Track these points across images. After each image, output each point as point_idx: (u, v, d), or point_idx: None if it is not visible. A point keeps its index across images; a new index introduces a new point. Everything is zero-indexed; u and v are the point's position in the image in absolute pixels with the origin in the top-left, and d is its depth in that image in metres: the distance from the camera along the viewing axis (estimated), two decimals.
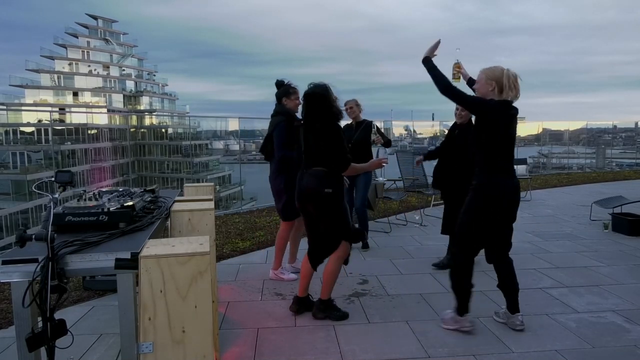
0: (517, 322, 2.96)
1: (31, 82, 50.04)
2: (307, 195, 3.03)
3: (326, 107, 3.02)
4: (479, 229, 2.86)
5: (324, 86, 3.07)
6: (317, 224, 3.10)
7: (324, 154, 3.00)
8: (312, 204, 3.03)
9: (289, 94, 3.82)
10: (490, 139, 2.79)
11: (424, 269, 4.30)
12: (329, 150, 3.00)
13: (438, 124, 15.24)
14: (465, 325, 2.94)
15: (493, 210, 2.81)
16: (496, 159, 2.80)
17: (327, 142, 3.00)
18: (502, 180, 2.81)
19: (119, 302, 1.73)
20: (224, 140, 32.46)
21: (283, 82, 3.89)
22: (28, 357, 1.68)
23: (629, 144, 19.79)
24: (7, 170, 32.15)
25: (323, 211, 3.02)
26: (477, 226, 2.86)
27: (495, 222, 2.85)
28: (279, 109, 3.85)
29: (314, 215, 3.08)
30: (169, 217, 2.42)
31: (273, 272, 4.03)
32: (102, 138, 38.25)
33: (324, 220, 3.05)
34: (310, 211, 3.08)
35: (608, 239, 5.42)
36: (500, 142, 2.79)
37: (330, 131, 3.02)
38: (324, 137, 3.00)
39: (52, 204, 1.73)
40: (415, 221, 6.38)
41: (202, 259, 1.69)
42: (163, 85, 65.68)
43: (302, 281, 3.24)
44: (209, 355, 1.71)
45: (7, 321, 3.15)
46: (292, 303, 3.28)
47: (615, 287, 3.79)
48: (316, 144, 3.02)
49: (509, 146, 2.83)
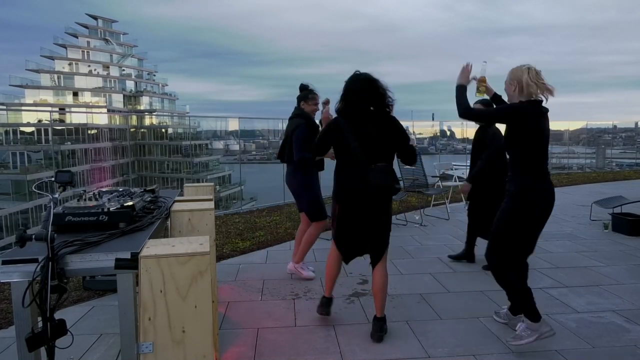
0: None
1: (31, 82, 50.03)
2: (377, 192, 2.77)
3: (382, 95, 2.78)
4: (518, 234, 2.70)
5: (367, 73, 2.82)
6: (370, 223, 2.84)
7: (391, 147, 2.80)
8: (379, 201, 2.80)
9: (308, 98, 3.89)
10: (523, 142, 2.64)
11: (424, 269, 4.30)
12: (399, 142, 2.81)
13: (438, 124, 15.26)
14: (545, 331, 2.67)
15: (531, 215, 2.66)
16: (531, 162, 2.65)
17: (394, 134, 2.79)
18: (538, 185, 2.66)
19: (119, 302, 1.73)
20: (224, 140, 32.50)
21: (307, 86, 3.96)
22: (28, 357, 1.68)
23: (629, 144, 19.78)
24: (7, 170, 32.14)
25: (386, 208, 2.85)
26: (516, 232, 2.69)
27: (533, 227, 2.71)
28: (299, 111, 3.91)
29: (372, 214, 2.81)
30: (169, 217, 2.41)
31: (294, 264, 4.02)
32: (102, 138, 38.26)
33: (385, 218, 2.86)
34: (369, 209, 2.81)
35: (608, 239, 5.42)
36: (534, 143, 2.64)
37: (394, 121, 2.81)
38: (389, 128, 2.77)
39: (52, 204, 1.73)
40: (415, 221, 6.38)
41: (202, 259, 1.69)
42: (163, 85, 65.67)
43: (331, 281, 3.11)
44: (209, 355, 1.71)
45: (7, 321, 3.15)
46: (321, 305, 3.11)
47: (615, 287, 3.79)
48: (379, 137, 2.76)
49: (542, 147, 2.67)
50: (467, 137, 14.16)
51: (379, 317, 2.91)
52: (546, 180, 2.69)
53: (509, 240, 2.73)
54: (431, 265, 4.39)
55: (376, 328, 2.88)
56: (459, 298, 3.55)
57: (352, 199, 2.83)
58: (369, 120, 2.76)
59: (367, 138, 2.74)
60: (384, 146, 2.78)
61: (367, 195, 2.77)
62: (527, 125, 2.62)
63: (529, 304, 2.69)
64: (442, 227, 6.08)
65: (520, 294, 2.72)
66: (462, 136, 15.05)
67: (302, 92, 3.95)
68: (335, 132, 2.82)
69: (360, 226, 2.87)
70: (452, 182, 8.25)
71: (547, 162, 2.76)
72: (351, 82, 2.81)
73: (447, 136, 22.20)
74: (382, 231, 2.87)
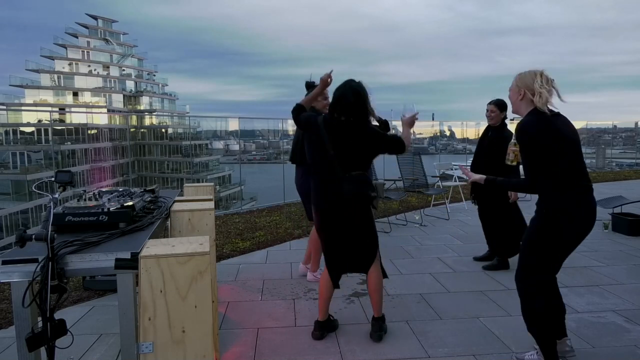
0: (566, 347, 2.50)
1: (31, 82, 50.02)
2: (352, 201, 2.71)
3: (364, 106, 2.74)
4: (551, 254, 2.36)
5: (359, 83, 2.78)
6: (350, 232, 2.80)
7: (367, 156, 2.77)
8: (355, 210, 2.75)
9: None
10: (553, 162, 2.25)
11: (424, 269, 4.30)
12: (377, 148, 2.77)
13: (438, 124, 15.24)
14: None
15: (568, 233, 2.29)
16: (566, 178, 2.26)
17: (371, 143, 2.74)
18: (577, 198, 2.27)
19: (119, 302, 1.73)
20: (224, 140, 32.54)
21: (313, 84, 3.82)
22: (28, 357, 1.68)
23: (629, 144, 19.76)
24: (7, 170, 32.16)
25: (365, 217, 2.79)
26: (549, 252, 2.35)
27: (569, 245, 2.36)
28: (312, 110, 3.81)
29: (350, 222, 2.77)
30: (169, 217, 2.42)
31: (312, 274, 3.97)
32: (102, 138, 38.30)
33: (366, 227, 2.81)
34: (346, 218, 2.76)
35: (608, 239, 5.42)
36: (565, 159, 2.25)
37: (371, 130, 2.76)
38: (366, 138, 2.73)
39: (52, 204, 1.73)
40: (415, 221, 6.38)
41: (202, 259, 1.69)
42: (163, 85, 65.65)
43: (324, 303, 2.93)
44: (209, 355, 1.71)
45: (7, 321, 3.15)
46: (315, 329, 2.93)
47: (615, 287, 3.79)
48: (355, 147, 2.71)
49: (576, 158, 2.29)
50: (467, 137, 14.17)
51: (377, 317, 2.91)
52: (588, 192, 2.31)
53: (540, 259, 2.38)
54: (431, 265, 4.39)
55: (375, 327, 2.88)
56: (459, 298, 3.55)
57: (329, 207, 2.78)
58: (346, 131, 2.70)
59: (343, 148, 2.69)
60: (360, 156, 2.74)
61: (342, 204, 2.72)
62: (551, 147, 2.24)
63: (550, 342, 2.37)
64: (442, 227, 6.07)
65: (543, 325, 2.38)
66: (462, 136, 15.04)
67: (309, 90, 3.82)
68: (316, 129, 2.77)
69: (341, 234, 2.81)
70: (452, 182, 8.25)
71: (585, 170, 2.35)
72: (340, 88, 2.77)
73: (447, 136, 22.22)
74: (365, 239, 2.83)
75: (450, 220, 6.48)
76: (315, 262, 3.98)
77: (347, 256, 2.87)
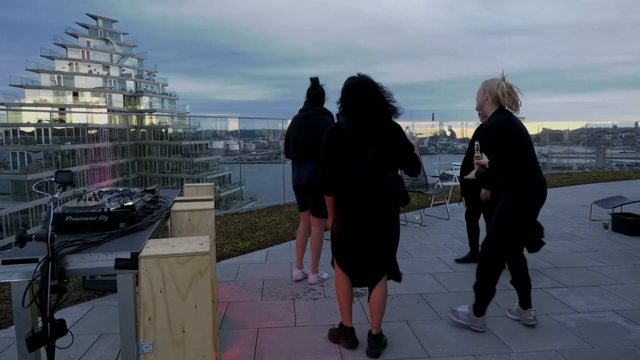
0: (529, 317, 3.04)
1: (31, 82, 50.04)
2: (391, 201, 2.59)
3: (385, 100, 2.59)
4: (517, 232, 2.89)
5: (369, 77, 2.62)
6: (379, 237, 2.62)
7: (397, 155, 2.60)
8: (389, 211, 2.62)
9: None
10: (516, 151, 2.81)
11: (424, 269, 4.30)
12: (405, 150, 2.62)
13: (438, 124, 15.25)
14: (478, 326, 2.97)
15: (531, 211, 2.86)
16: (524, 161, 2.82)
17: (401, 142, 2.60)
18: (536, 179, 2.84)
19: (119, 302, 1.73)
20: (224, 140, 32.51)
21: (318, 80, 3.78)
22: (28, 357, 1.68)
23: (629, 144, 19.75)
24: (7, 170, 32.16)
25: (395, 219, 2.67)
26: (515, 230, 2.88)
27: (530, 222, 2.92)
28: (322, 109, 3.77)
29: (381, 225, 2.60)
30: (169, 217, 2.42)
31: (315, 276, 3.92)
32: (102, 138, 38.28)
33: (393, 230, 2.68)
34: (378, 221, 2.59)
35: (608, 239, 5.42)
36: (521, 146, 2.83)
37: (399, 129, 2.63)
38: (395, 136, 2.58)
39: (52, 204, 1.73)
40: (415, 221, 6.38)
41: (202, 259, 1.69)
42: (163, 85, 65.67)
43: (347, 306, 2.77)
44: (209, 355, 1.71)
45: (7, 321, 3.15)
46: (348, 337, 2.77)
47: (615, 287, 3.79)
48: (389, 145, 2.57)
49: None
50: (467, 137, 14.17)
51: (375, 334, 2.69)
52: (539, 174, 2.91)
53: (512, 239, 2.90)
54: (431, 265, 4.39)
55: (372, 344, 2.67)
56: (459, 298, 3.55)
57: (362, 210, 2.56)
58: (377, 129, 2.55)
59: (379, 146, 2.54)
60: (393, 154, 2.59)
61: (378, 204, 2.56)
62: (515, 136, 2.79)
63: (486, 300, 2.95)
64: (442, 227, 6.08)
65: (488, 288, 2.93)
66: (462, 136, 15.07)
67: (317, 90, 3.77)
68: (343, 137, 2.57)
69: (366, 240, 2.60)
70: (452, 182, 8.24)
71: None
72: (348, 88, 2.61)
73: (447, 136, 22.21)
74: (390, 244, 2.68)
75: (450, 220, 6.48)
76: (314, 263, 3.96)
77: (363, 263, 2.66)
